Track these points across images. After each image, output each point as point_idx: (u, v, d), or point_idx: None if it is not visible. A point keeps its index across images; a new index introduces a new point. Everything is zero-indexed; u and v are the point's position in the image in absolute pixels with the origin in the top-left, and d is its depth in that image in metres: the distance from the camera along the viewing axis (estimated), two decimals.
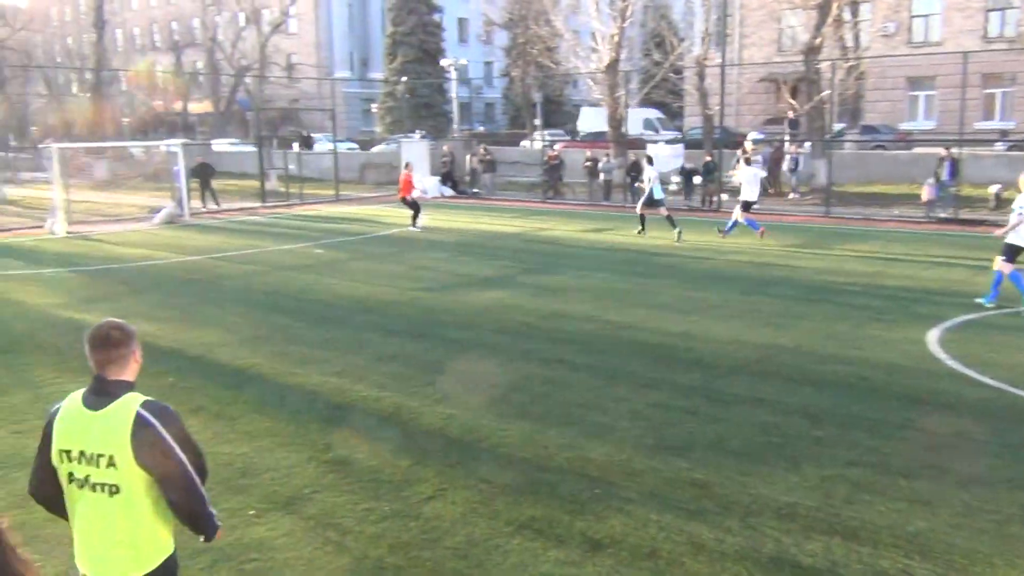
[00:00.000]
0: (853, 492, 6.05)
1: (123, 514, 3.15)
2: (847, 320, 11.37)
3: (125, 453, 3.10)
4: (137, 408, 3.16)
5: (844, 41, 31.63)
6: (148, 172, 33.78)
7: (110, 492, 3.13)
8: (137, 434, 3.11)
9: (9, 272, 16.37)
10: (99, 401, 3.17)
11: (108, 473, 3.12)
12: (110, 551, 3.18)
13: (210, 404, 8.13)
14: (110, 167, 38.90)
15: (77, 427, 3.17)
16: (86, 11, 53.45)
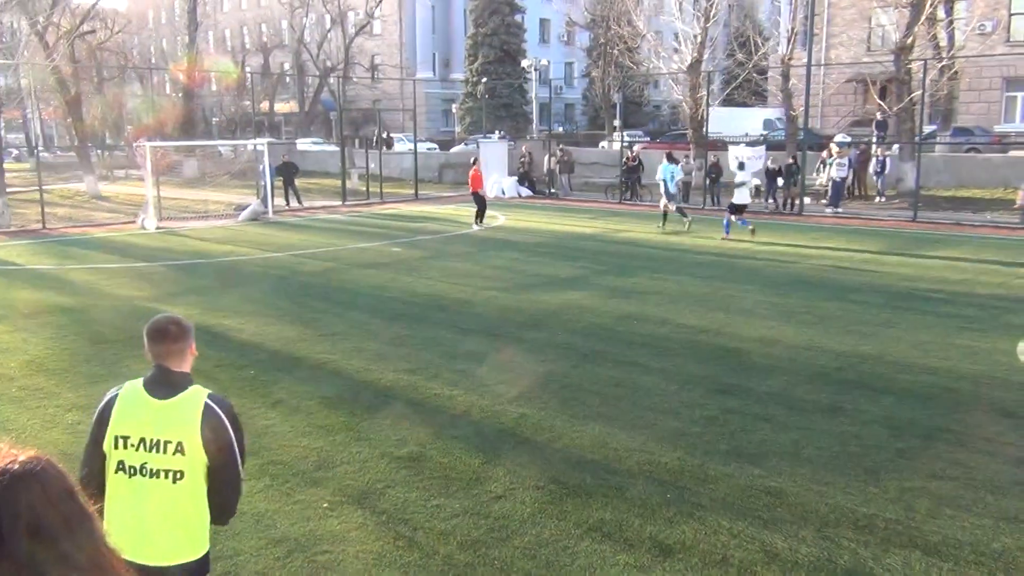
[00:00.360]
0: (935, 506, 5.85)
1: (187, 499, 3.29)
2: (934, 329, 11.00)
3: (195, 439, 3.26)
4: (205, 399, 3.38)
5: (938, 40, 30.59)
6: (235, 170, 34.75)
7: (174, 478, 3.26)
8: (206, 422, 3.30)
9: (102, 266, 17.03)
10: (166, 391, 3.35)
11: (175, 460, 3.25)
12: (169, 535, 3.29)
13: (289, 398, 8.32)
14: (199, 165, 40.16)
15: (141, 414, 3.31)
16: (180, 14, 55.25)
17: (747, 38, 32.89)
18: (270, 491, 6.17)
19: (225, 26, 75.43)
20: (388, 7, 60.39)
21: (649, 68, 39.70)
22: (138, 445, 3.27)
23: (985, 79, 36.96)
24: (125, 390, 3.39)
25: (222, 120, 60.57)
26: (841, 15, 40.54)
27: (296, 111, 59.16)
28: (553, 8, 64.94)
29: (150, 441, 3.27)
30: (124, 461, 3.27)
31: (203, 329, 11.24)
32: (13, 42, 31.14)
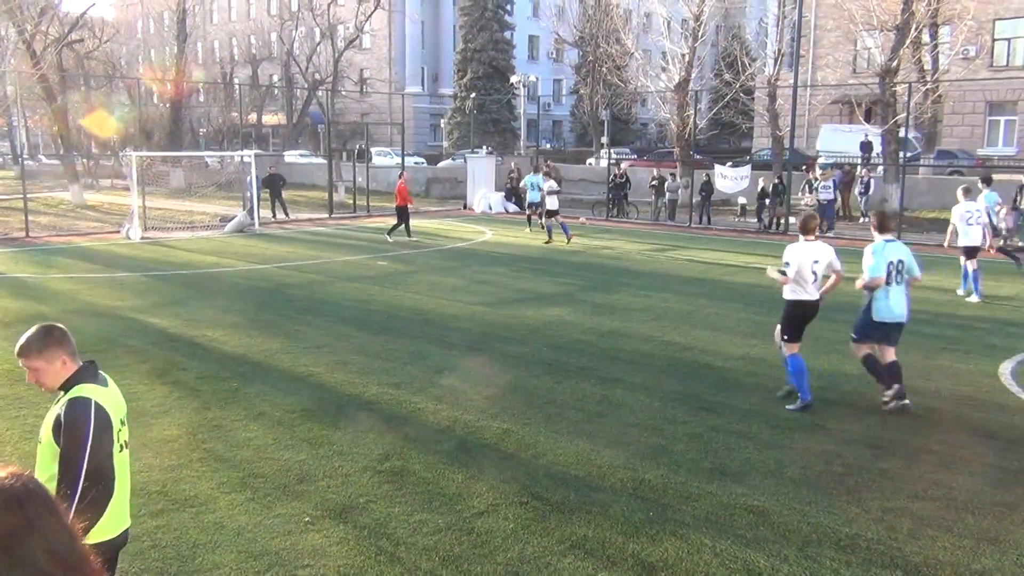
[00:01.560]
0: (917, 527, 5.87)
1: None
2: (916, 350, 11.05)
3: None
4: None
5: (922, 63, 30.93)
6: (221, 181, 34.64)
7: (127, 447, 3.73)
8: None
9: (85, 275, 16.92)
10: (103, 378, 3.72)
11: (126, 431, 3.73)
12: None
13: (271, 410, 8.27)
14: (185, 176, 39.98)
15: (116, 399, 3.70)
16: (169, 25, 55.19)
17: (734, 58, 33.17)
18: (251, 504, 6.13)
19: (214, 37, 75.43)
20: (378, 22, 60.53)
21: (637, 86, 39.92)
22: (122, 425, 3.67)
23: (968, 103, 37.39)
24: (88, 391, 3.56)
25: (209, 131, 60.43)
26: (827, 37, 40.93)
27: (284, 123, 59.14)
28: (542, 25, 65.37)
29: (122, 419, 3.70)
30: (123, 440, 3.63)
31: (185, 340, 11.19)
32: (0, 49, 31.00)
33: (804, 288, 8.58)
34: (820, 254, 8.61)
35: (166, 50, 56.17)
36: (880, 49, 30.64)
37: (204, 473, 6.70)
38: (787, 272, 8.54)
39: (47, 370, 3.54)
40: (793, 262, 8.52)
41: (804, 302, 8.62)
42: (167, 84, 46.89)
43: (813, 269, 8.54)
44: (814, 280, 8.59)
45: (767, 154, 36.19)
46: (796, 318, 8.69)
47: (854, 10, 31.84)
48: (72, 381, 3.55)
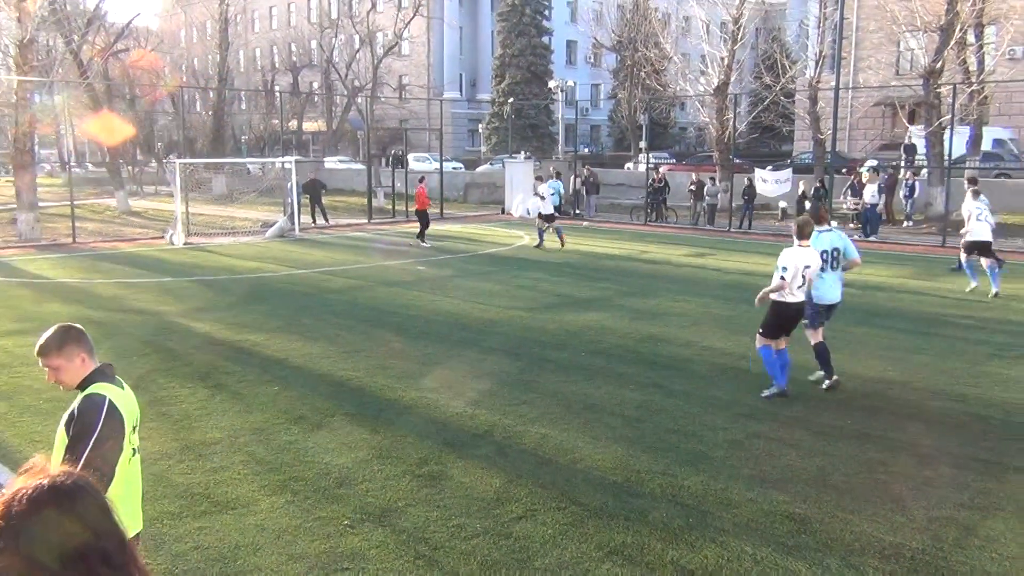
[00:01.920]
0: (963, 536, 5.75)
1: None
2: (963, 356, 10.85)
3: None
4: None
5: (967, 64, 30.40)
6: (262, 188, 35.07)
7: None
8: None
9: (130, 280, 17.22)
10: (119, 381, 3.74)
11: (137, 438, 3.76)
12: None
13: (311, 414, 8.34)
14: (227, 182, 40.55)
15: (131, 403, 3.72)
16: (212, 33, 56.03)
17: (774, 61, 32.86)
18: (291, 507, 6.18)
19: (255, 46, 76.45)
20: (416, 28, 60.93)
21: (675, 90, 39.71)
22: (136, 428, 3.73)
23: (1015, 104, 36.65)
24: (105, 389, 3.61)
25: (251, 138, 61.22)
26: (869, 39, 40.38)
27: (324, 130, 59.71)
28: (580, 30, 65.29)
29: (135, 425, 3.72)
30: (134, 445, 3.68)
31: (228, 344, 11.33)
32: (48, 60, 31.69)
33: (791, 291, 8.88)
34: (811, 259, 8.95)
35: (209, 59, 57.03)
36: (924, 50, 30.14)
37: (246, 476, 6.77)
38: (785, 276, 8.83)
39: (67, 368, 3.61)
40: (790, 266, 8.81)
41: (788, 304, 8.94)
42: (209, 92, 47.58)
43: (803, 273, 8.87)
44: (802, 284, 8.93)
45: (808, 157, 35.79)
46: (779, 318, 9.01)
47: (897, 11, 31.39)
48: (90, 380, 3.62)
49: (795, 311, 8.98)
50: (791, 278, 8.79)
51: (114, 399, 3.57)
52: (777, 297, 8.92)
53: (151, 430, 7.84)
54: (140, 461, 3.78)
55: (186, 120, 41.66)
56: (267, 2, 76.60)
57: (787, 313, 8.97)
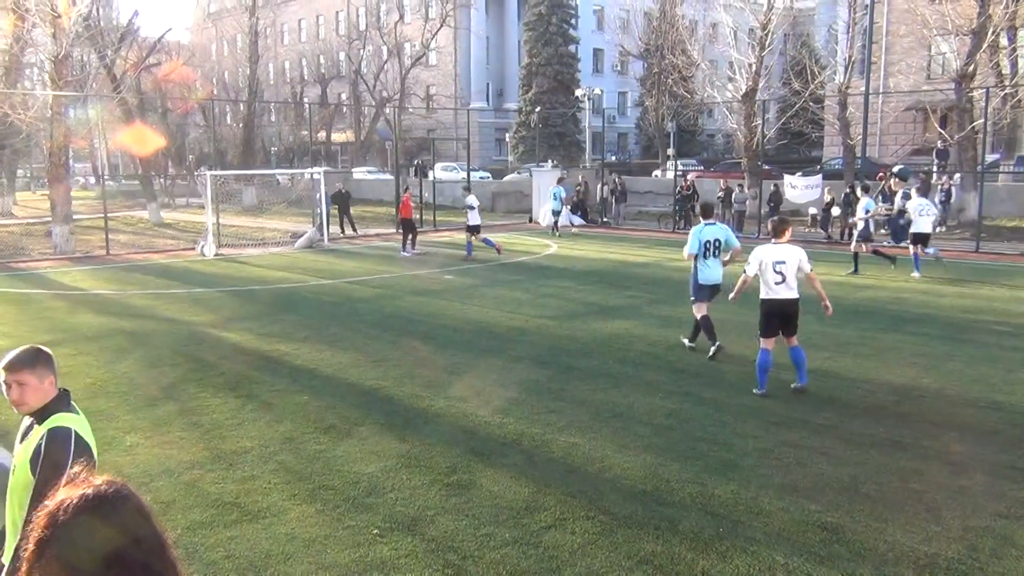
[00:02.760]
0: (1000, 546, 5.65)
1: None
2: (997, 363, 10.69)
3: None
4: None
5: (1000, 68, 30.02)
6: (291, 198, 35.40)
7: None
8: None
9: (162, 291, 17.42)
10: (75, 408, 3.64)
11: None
12: None
13: (340, 423, 8.38)
14: (257, 193, 40.96)
15: (89, 428, 3.63)
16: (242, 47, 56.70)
17: (803, 66, 32.66)
18: (321, 516, 6.21)
19: (285, 58, 77.22)
20: (443, 39, 61.23)
21: (703, 97, 39.59)
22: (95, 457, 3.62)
23: None
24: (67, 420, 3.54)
25: (280, 149, 61.79)
26: (899, 43, 40.02)
27: (352, 140, 60.15)
28: (606, 38, 65.34)
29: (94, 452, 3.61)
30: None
31: (257, 354, 11.42)
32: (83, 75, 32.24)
33: (769, 288, 9.26)
34: (786, 255, 9.23)
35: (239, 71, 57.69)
36: (955, 54, 29.83)
37: (276, 485, 6.81)
38: (747, 271, 9.39)
39: (36, 387, 3.51)
40: (754, 261, 9.32)
41: (771, 300, 9.27)
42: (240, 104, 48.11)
43: (778, 269, 9.19)
44: (781, 280, 9.22)
45: (838, 163, 35.49)
46: (766, 315, 9.31)
47: (928, 15, 31.09)
48: (50, 408, 3.53)
49: (780, 306, 9.26)
50: (752, 272, 9.30)
51: (78, 430, 3.51)
52: (763, 295, 9.32)
53: (182, 439, 7.92)
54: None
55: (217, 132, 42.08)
56: (296, 15, 77.41)
57: (774, 310, 9.25)
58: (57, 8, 22.71)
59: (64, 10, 22.90)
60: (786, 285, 9.20)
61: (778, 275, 9.17)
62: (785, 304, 9.23)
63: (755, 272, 9.28)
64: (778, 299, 9.23)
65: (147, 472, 7.07)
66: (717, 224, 11.83)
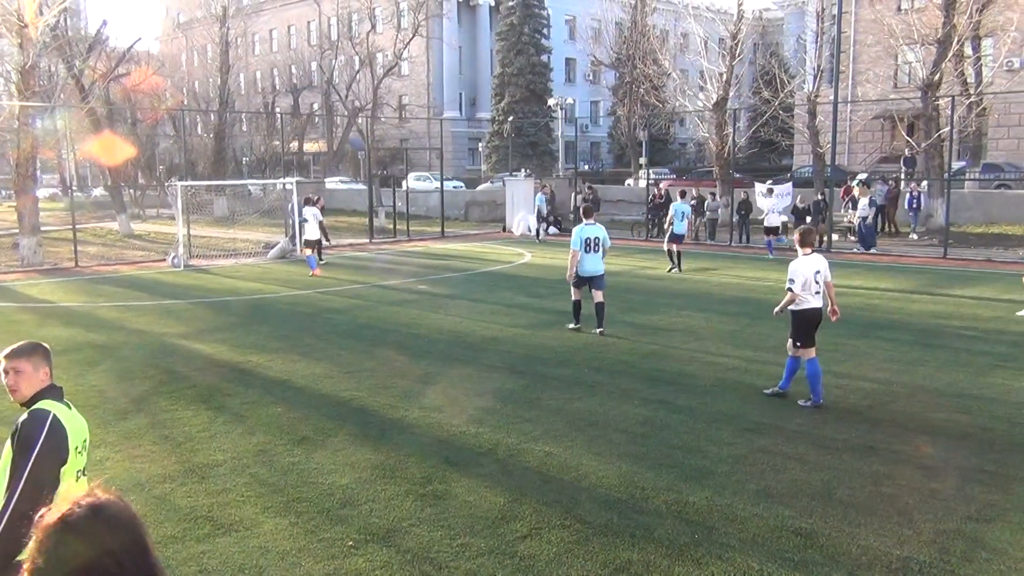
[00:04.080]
0: (971, 549, 5.71)
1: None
2: (967, 367, 10.83)
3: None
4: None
5: (965, 76, 30.52)
6: (263, 209, 35.16)
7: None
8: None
9: (132, 303, 17.23)
10: (67, 403, 3.83)
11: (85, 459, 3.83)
12: None
13: (314, 434, 8.32)
14: (229, 204, 40.62)
15: (78, 424, 3.79)
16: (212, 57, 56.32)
17: (773, 76, 32.99)
18: (295, 528, 6.15)
19: (256, 68, 76.85)
20: (416, 49, 61.20)
21: (675, 106, 39.87)
22: (83, 449, 3.79)
23: (1014, 115, 36.74)
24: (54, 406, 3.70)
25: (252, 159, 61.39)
26: (867, 52, 40.57)
27: (325, 150, 59.90)
28: (578, 48, 65.63)
29: (83, 444, 3.80)
30: (81, 466, 3.73)
31: (230, 366, 11.32)
32: (50, 85, 31.88)
33: (808, 298, 9.23)
34: (820, 265, 9.33)
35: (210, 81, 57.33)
36: (922, 63, 30.28)
37: (249, 498, 6.75)
38: (793, 288, 9.20)
39: (31, 375, 3.70)
40: (798, 276, 9.20)
41: (807, 311, 9.25)
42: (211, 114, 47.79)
43: (817, 279, 9.25)
44: (818, 291, 9.28)
45: (808, 171, 35.87)
46: (803, 326, 9.29)
47: (894, 25, 31.55)
48: (39, 396, 3.71)
49: (816, 316, 9.26)
50: (800, 288, 9.15)
51: (59, 415, 3.64)
52: (796, 306, 9.25)
53: (152, 452, 7.83)
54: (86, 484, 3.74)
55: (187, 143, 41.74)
56: (267, 25, 77.06)
57: (812, 319, 9.24)
58: (24, 18, 22.44)
59: (31, 20, 22.62)
60: (819, 295, 9.29)
61: (816, 285, 9.22)
62: (818, 313, 9.28)
63: (800, 288, 9.14)
64: (813, 308, 9.23)
65: (117, 486, 6.92)
66: (596, 224, 13.59)
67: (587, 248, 13.28)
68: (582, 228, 13.40)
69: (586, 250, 13.28)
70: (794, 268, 9.23)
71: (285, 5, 75.49)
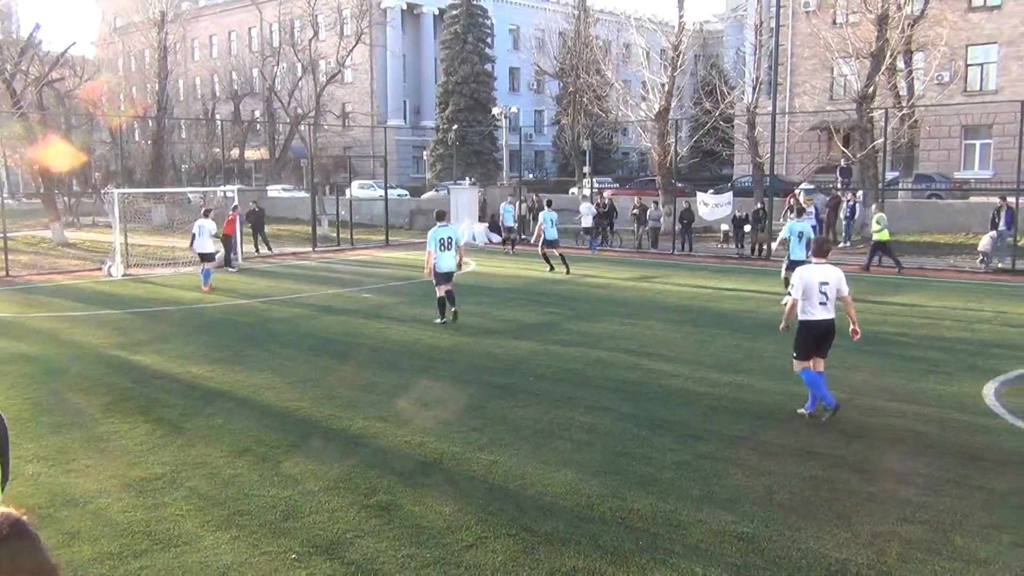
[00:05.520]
0: (907, 550, 5.86)
1: None
2: (900, 373, 11.12)
3: None
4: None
5: (898, 89, 31.40)
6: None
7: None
8: None
9: (67, 313, 16.79)
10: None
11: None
12: None
13: (256, 446, 8.19)
14: (167, 212, 39.88)
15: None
16: (150, 62, 55.31)
17: (713, 87, 33.56)
18: (236, 542, 6.05)
19: (195, 74, 75.63)
20: (359, 56, 60.87)
21: (618, 116, 40.27)
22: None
23: (944, 127, 37.87)
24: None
25: (191, 167, 60.38)
26: (804, 65, 41.48)
27: (267, 158, 59.18)
28: (522, 58, 65.93)
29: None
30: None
31: (169, 377, 11.10)
32: None
33: (812, 309, 8.88)
34: (830, 276, 8.95)
35: (147, 87, 56.27)
36: (856, 76, 31.09)
37: (188, 512, 6.61)
38: (792, 292, 8.96)
39: None
40: (798, 283, 8.92)
41: (811, 322, 8.93)
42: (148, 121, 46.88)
43: (822, 290, 8.85)
44: (823, 301, 8.88)
45: (748, 181, 36.53)
46: (805, 337, 9.01)
47: (830, 38, 32.32)
48: None
49: (823, 329, 8.96)
50: (799, 294, 8.86)
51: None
52: (803, 317, 8.94)
53: (88, 467, 7.63)
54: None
55: (124, 149, 40.90)
56: (207, 31, 75.92)
57: (815, 331, 8.94)
58: None
59: None
60: (827, 307, 8.89)
61: (822, 295, 8.84)
62: (825, 325, 8.95)
63: (800, 294, 8.87)
64: (819, 320, 8.90)
65: (51, 502, 6.78)
66: (448, 226, 15.37)
67: (442, 247, 14.80)
68: (436, 230, 14.88)
69: (441, 249, 14.78)
70: (797, 274, 9.04)
71: (226, 11, 74.47)
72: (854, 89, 30.72)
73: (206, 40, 76.70)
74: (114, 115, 46.40)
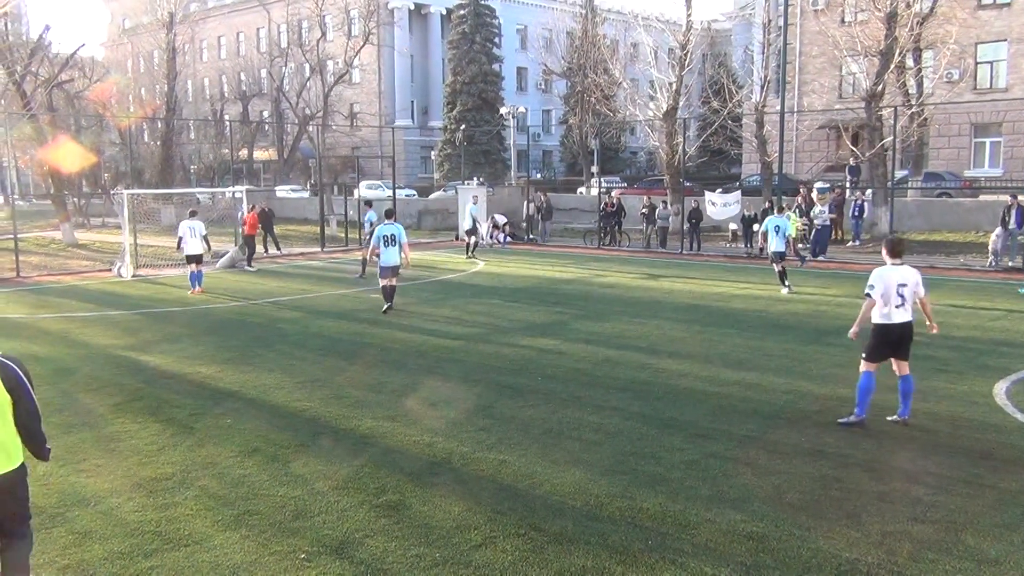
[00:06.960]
0: (917, 549, 5.83)
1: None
2: (911, 372, 11.05)
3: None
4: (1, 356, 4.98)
5: (907, 87, 31.28)
6: (213, 218, 34.67)
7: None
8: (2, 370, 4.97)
9: (77, 314, 16.85)
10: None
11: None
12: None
13: (265, 446, 8.21)
14: (176, 212, 39.98)
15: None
16: (159, 63, 55.47)
17: (721, 86, 33.48)
18: (246, 542, 6.06)
19: (204, 75, 75.84)
20: (367, 57, 61.00)
21: (625, 115, 40.26)
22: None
23: (954, 125, 37.75)
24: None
25: (200, 168, 60.54)
26: (812, 63, 41.38)
27: (275, 158, 59.31)
28: (530, 57, 65.96)
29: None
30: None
31: (179, 378, 11.13)
32: None
33: (890, 311, 8.56)
34: (908, 277, 8.63)
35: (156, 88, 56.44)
36: (865, 74, 30.98)
37: (198, 511, 6.63)
38: (872, 294, 8.56)
39: None
40: (878, 284, 8.55)
41: (887, 326, 8.61)
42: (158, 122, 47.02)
43: (901, 292, 8.55)
44: (901, 303, 8.57)
45: (756, 180, 36.45)
46: (879, 342, 8.71)
47: (838, 37, 32.23)
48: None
49: (899, 332, 8.62)
50: (879, 296, 8.51)
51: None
52: (878, 319, 8.59)
53: (98, 467, 7.66)
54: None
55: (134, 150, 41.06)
56: (215, 32, 76.14)
57: (891, 335, 8.62)
58: None
59: None
60: (904, 308, 8.54)
61: (899, 298, 8.49)
62: (902, 328, 8.60)
63: (879, 296, 8.50)
64: (896, 323, 8.55)
65: (62, 502, 6.81)
66: (394, 224, 16.38)
67: (385, 243, 15.97)
68: (381, 227, 16.24)
69: (385, 245, 15.97)
70: (876, 274, 8.61)
71: (234, 12, 74.68)
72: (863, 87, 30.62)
73: (214, 41, 76.94)
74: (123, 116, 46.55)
